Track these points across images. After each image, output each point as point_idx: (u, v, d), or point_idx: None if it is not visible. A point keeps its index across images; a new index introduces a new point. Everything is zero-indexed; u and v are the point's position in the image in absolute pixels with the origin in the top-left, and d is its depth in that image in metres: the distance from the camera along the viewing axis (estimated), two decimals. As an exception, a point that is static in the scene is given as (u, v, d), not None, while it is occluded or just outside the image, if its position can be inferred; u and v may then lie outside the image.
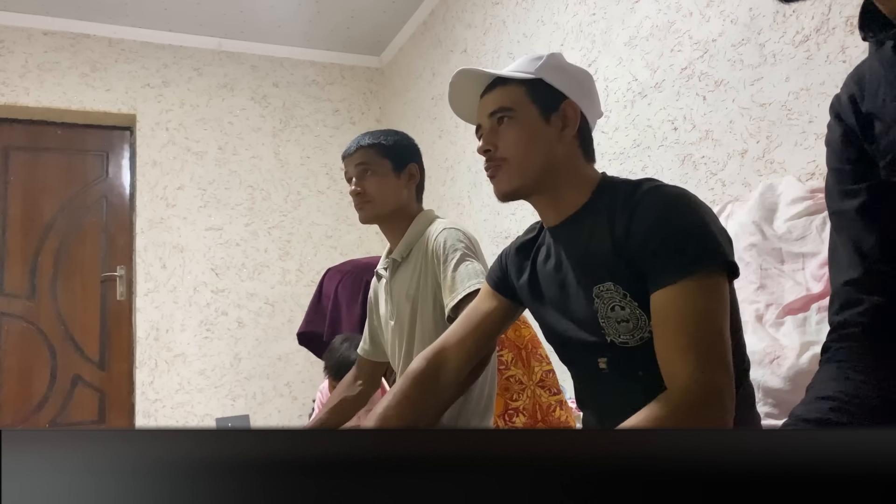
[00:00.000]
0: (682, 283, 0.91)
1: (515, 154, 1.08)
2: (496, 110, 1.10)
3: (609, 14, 2.56)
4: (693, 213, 0.95)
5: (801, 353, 1.41)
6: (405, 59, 4.44)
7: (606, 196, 1.06)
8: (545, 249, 1.16)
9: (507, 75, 1.10)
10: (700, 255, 0.92)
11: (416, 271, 1.62)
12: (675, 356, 0.89)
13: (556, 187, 1.09)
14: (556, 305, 1.12)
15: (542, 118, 1.08)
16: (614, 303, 1.00)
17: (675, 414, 0.85)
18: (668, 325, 0.91)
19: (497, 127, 1.10)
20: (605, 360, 1.04)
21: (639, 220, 0.97)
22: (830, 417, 0.73)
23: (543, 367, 2.07)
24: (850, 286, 0.78)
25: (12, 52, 3.87)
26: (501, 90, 1.10)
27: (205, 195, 4.18)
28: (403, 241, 1.65)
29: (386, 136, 1.67)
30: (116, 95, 4.06)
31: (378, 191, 1.62)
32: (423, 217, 1.68)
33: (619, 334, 1.01)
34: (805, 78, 1.79)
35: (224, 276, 4.14)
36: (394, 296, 1.67)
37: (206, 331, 4.05)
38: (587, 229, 1.05)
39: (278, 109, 4.46)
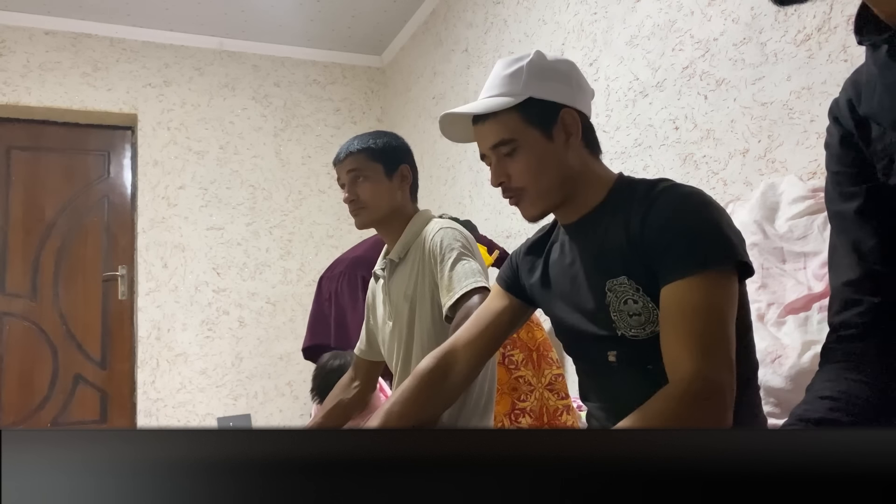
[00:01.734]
0: (691, 278, 0.92)
1: (530, 182, 1.08)
2: (497, 144, 1.09)
3: (610, 13, 2.56)
4: (707, 212, 0.97)
5: (802, 352, 1.41)
6: (406, 58, 4.44)
7: (623, 194, 1.08)
8: (559, 246, 1.17)
9: (493, 109, 1.08)
10: (711, 253, 0.93)
11: (413, 271, 1.61)
12: (680, 349, 0.90)
13: (576, 192, 1.10)
14: (567, 299, 1.13)
15: (544, 138, 1.08)
16: (627, 296, 1.02)
17: (676, 407, 0.86)
18: (675, 319, 0.92)
19: (503, 158, 1.09)
20: (615, 354, 1.06)
21: (654, 216, 0.98)
22: (830, 417, 0.73)
23: (553, 371, 2.07)
24: (849, 287, 0.79)
25: (14, 52, 3.87)
26: (494, 121, 1.09)
27: (206, 195, 4.18)
28: (400, 241, 1.65)
29: (375, 139, 1.65)
30: (118, 95, 4.06)
31: (371, 196, 1.62)
32: (419, 217, 1.67)
33: (630, 328, 1.02)
34: (807, 77, 1.79)
35: (225, 276, 4.14)
36: (392, 296, 1.67)
37: (207, 330, 4.06)
38: (603, 226, 1.07)
39: (279, 109, 4.46)
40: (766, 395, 1.41)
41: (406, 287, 1.62)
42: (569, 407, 2.06)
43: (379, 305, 1.76)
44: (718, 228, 0.95)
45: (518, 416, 1.99)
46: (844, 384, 0.76)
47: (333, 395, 1.81)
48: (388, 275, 1.69)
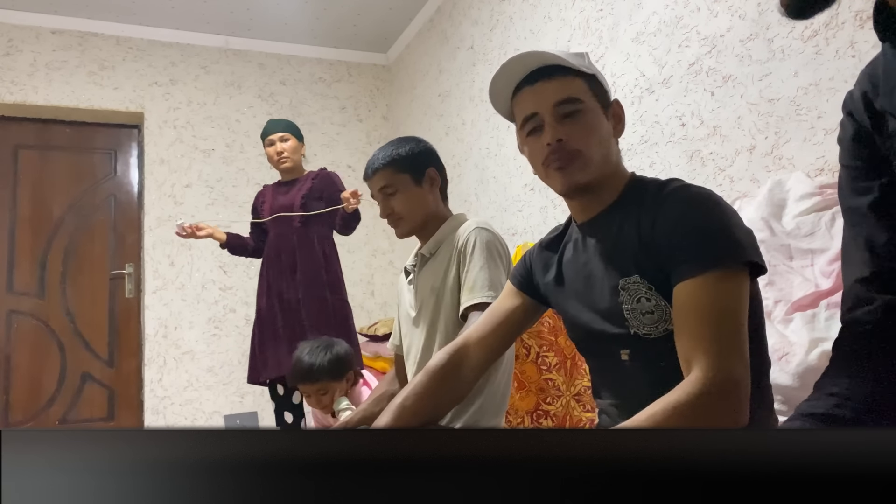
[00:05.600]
0: (703, 277, 0.93)
1: (589, 146, 1.07)
2: (564, 100, 1.07)
3: (616, 10, 2.55)
4: (718, 212, 0.98)
5: (809, 349, 1.40)
6: (412, 56, 4.44)
7: (636, 193, 1.08)
8: (572, 245, 1.18)
9: (573, 65, 1.08)
10: (722, 252, 0.94)
11: (442, 265, 1.65)
12: (695, 347, 0.91)
13: (602, 185, 1.10)
14: (580, 298, 1.14)
15: (604, 114, 1.10)
16: (640, 295, 1.02)
17: (693, 403, 0.87)
18: (689, 317, 0.93)
19: (562, 118, 1.07)
20: (628, 352, 1.06)
21: (665, 215, 0.99)
22: (835, 413, 0.73)
23: (584, 382, 2.07)
24: (861, 284, 0.78)
25: (21, 51, 3.89)
26: (562, 80, 1.07)
27: (212, 193, 4.19)
28: (434, 238, 1.69)
29: (398, 148, 1.66)
30: (124, 94, 4.07)
31: (406, 207, 1.65)
32: (455, 219, 1.72)
33: (643, 326, 1.02)
34: (814, 73, 1.78)
35: (232, 274, 4.16)
36: (419, 290, 1.70)
37: (214, 328, 4.07)
38: (616, 225, 1.08)
39: (285, 107, 4.46)
40: (774, 392, 1.41)
41: (433, 280, 1.65)
42: (593, 422, 2.05)
43: (405, 300, 1.78)
44: (728, 228, 0.96)
45: (541, 417, 1.99)
46: (852, 381, 0.75)
47: (382, 385, 1.85)
48: (419, 269, 1.72)
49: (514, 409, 2.01)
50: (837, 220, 1.56)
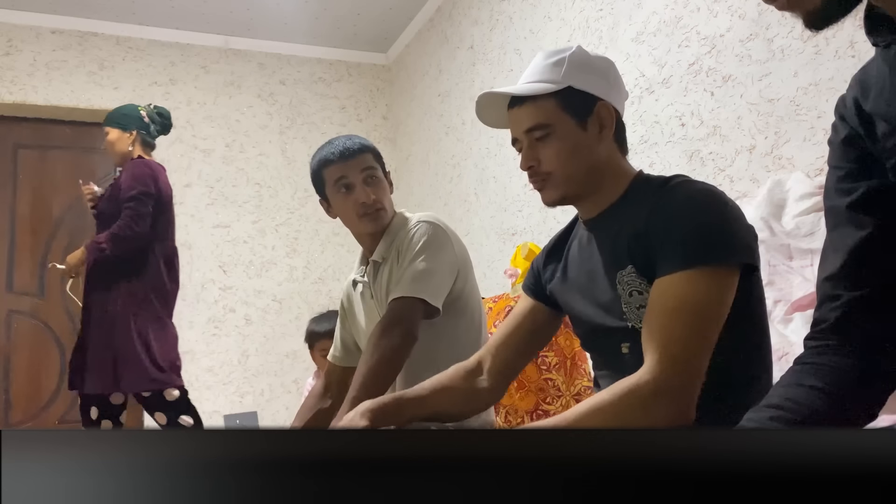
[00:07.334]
0: (679, 274, 0.94)
1: (558, 167, 1.09)
2: (532, 128, 1.10)
3: (616, 10, 2.55)
4: (713, 209, 0.98)
5: (809, 350, 1.40)
6: (411, 56, 4.44)
7: (640, 190, 1.10)
8: (577, 242, 1.19)
9: (533, 93, 1.10)
10: (703, 250, 0.94)
11: (392, 269, 1.60)
12: (647, 345, 0.93)
13: (600, 186, 1.12)
14: (584, 293, 1.14)
15: (578, 127, 1.10)
16: (633, 288, 1.03)
17: (619, 401, 0.89)
18: (652, 314, 0.95)
19: (535, 142, 1.11)
20: (628, 346, 1.07)
21: (659, 210, 1.00)
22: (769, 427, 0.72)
23: (584, 383, 2.07)
24: (828, 282, 0.78)
25: (21, 51, 3.89)
26: (531, 105, 1.10)
27: (212, 193, 4.20)
28: (383, 241, 1.63)
29: (362, 139, 1.69)
30: (124, 93, 4.07)
31: (387, 198, 1.64)
32: (399, 217, 1.66)
33: (638, 319, 1.03)
34: (814, 73, 1.78)
35: (232, 274, 4.16)
36: (379, 298, 1.63)
37: (213, 328, 4.07)
38: (619, 221, 1.09)
39: (285, 107, 4.46)
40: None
41: (390, 285, 1.60)
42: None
43: (358, 312, 1.73)
44: (718, 226, 0.96)
45: (541, 417, 1.99)
46: (795, 391, 0.75)
47: (309, 405, 1.75)
48: (372, 278, 1.66)
49: (514, 409, 2.01)
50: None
